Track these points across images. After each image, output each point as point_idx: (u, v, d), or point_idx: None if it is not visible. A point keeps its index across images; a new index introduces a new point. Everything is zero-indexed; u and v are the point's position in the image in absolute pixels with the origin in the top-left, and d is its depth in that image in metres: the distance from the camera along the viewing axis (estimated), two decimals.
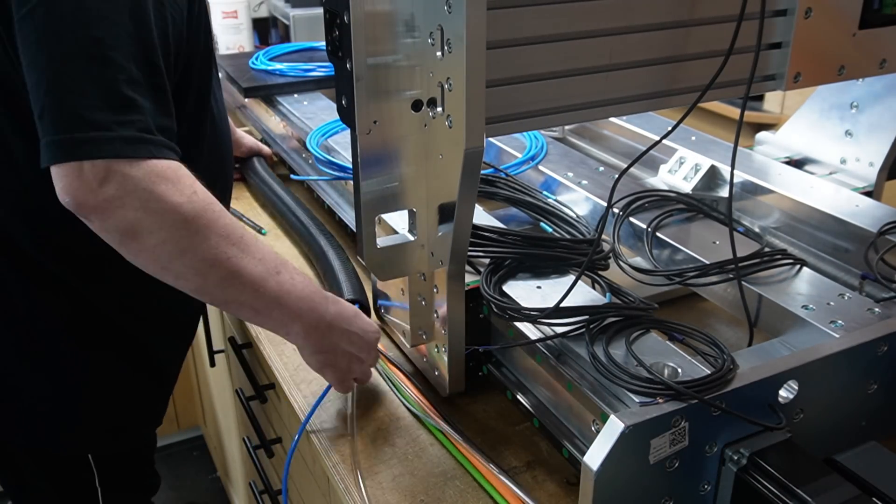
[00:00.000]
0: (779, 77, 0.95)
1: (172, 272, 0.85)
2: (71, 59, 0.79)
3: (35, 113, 0.81)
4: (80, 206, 0.80)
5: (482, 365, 1.02)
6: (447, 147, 0.81)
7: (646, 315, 0.88)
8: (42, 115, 0.80)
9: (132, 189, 0.80)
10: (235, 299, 0.88)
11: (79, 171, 0.79)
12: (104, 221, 0.81)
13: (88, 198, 0.79)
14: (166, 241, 0.82)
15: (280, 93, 1.73)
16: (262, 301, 0.88)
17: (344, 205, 1.39)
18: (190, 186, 0.83)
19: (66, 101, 0.79)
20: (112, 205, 0.80)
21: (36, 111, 0.80)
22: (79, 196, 0.79)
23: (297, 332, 0.92)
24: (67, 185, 0.79)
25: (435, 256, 0.91)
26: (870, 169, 1.26)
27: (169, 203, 0.81)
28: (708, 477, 0.79)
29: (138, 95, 0.82)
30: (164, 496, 2.34)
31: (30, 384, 1.04)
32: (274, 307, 0.89)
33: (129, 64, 0.81)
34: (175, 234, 0.82)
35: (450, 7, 0.73)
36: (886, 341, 0.85)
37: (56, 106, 0.79)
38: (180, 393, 2.41)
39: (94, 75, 0.79)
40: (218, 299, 0.89)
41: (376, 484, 0.90)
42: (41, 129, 0.80)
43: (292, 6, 2.25)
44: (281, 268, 0.90)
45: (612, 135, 1.53)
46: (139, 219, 0.80)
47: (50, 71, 0.79)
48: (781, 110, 2.67)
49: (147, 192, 0.80)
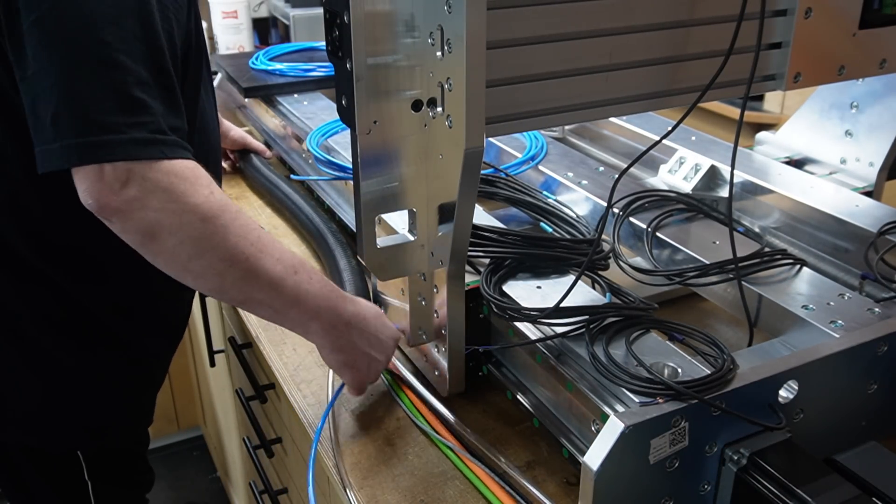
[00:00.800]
0: (779, 77, 0.95)
1: (192, 272, 0.86)
2: (80, 64, 0.80)
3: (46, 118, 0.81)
4: (103, 209, 0.81)
5: (482, 365, 1.02)
6: (447, 147, 0.81)
7: (646, 315, 0.88)
8: (54, 119, 0.80)
9: (152, 189, 0.81)
10: (254, 298, 0.89)
11: (100, 174, 0.80)
12: (125, 223, 0.82)
13: (111, 199, 0.80)
14: (185, 241, 0.83)
15: (280, 93, 1.73)
16: (281, 300, 0.89)
17: (344, 205, 1.39)
18: (207, 186, 0.84)
19: (77, 105, 0.80)
20: (133, 206, 0.81)
21: (47, 116, 0.81)
22: (102, 198, 0.81)
23: (316, 330, 0.93)
24: (90, 187, 0.81)
25: (435, 256, 0.91)
26: (870, 169, 1.26)
27: (188, 203, 0.82)
28: (708, 477, 0.79)
29: (148, 97, 0.83)
30: (164, 496, 2.35)
31: (17, 382, 1.05)
32: (292, 305, 0.90)
33: (137, 66, 0.82)
34: (194, 234, 0.83)
35: (450, 7, 0.73)
36: (886, 341, 0.85)
37: (69, 110, 0.80)
38: (180, 393, 2.41)
39: (103, 78, 0.80)
40: (236, 299, 0.90)
41: (376, 484, 0.90)
42: (54, 132, 0.81)
43: (292, 6, 2.25)
44: (299, 267, 0.90)
45: (612, 135, 1.53)
46: (159, 219, 0.82)
47: (61, 76, 0.80)
48: (781, 110, 2.67)
49: (167, 193, 0.81)
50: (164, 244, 0.83)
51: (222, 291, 0.88)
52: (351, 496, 0.88)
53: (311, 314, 0.91)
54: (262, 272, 0.87)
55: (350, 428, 0.99)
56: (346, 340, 0.94)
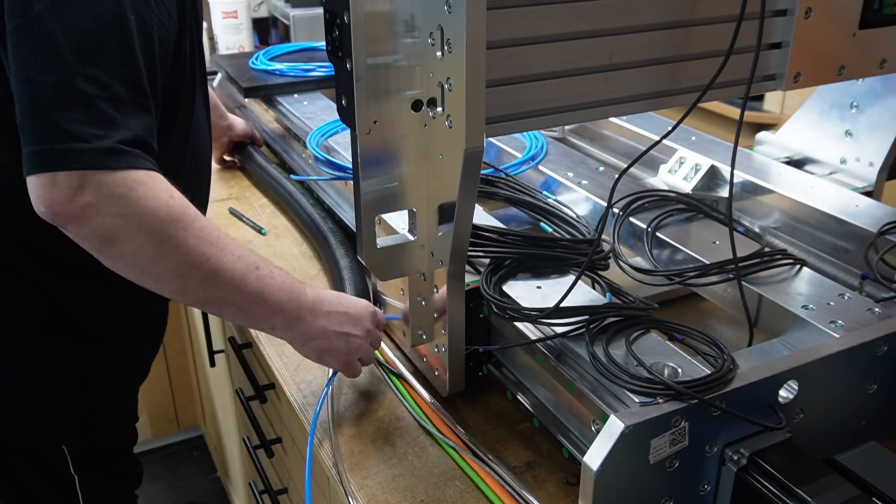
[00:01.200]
0: (779, 77, 0.95)
1: (153, 276, 0.86)
2: (54, 74, 0.80)
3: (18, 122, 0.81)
4: (56, 216, 0.80)
5: (482, 365, 1.02)
6: (447, 147, 0.81)
7: (646, 315, 0.88)
8: (23, 125, 0.80)
9: (108, 195, 0.80)
10: (217, 297, 0.89)
11: (53, 181, 0.79)
12: (81, 229, 0.81)
13: (64, 207, 0.80)
14: (145, 245, 0.83)
15: (280, 93, 1.73)
16: (245, 297, 0.89)
17: (344, 205, 1.39)
18: (167, 191, 0.84)
19: (46, 113, 0.79)
20: (88, 212, 0.80)
21: (18, 121, 0.81)
22: (54, 206, 0.80)
23: (281, 324, 0.93)
24: (42, 195, 0.80)
25: (435, 256, 0.91)
26: (870, 169, 1.26)
27: (147, 207, 0.81)
28: (708, 477, 0.79)
29: (119, 114, 0.82)
30: (164, 496, 2.35)
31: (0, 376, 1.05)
32: (256, 301, 0.90)
33: (112, 82, 0.82)
34: (154, 239, 0.83)
35: (450, 7, 0.73)
36: (886, 341, 0.85)
37: (36, 117, 0.80)
38: (180, 393, 2.41)
39: (76, 90, 0.80)
40: (200, 299, 0.90)
41: (376, 484, 0.90)
42: (22, 138, 0.80)
43: (292, 6, 2.25)
44: (259, 263, 0.91)
45: (612, 135, 1.53)
46: (117, 225, 0.81)
47: (34, 83, 0.80)
48: (781, 110, 2.67)
49: (124, 199, 0.81)
50: (123, 249, 0.82)
51: (185, 292, 0.88)
52: (351, 496, 0.88)
53: (274, 308, 0.92)
54: (225, 270, 0.87)
55: (350, 428, 0.99)
56: (313, 327, 0.95)
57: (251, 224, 1.48)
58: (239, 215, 1.52)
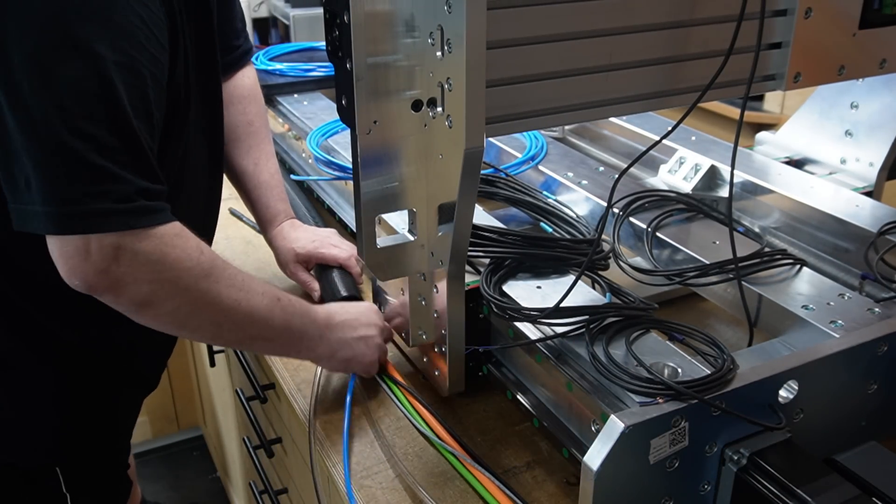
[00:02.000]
0: (779, 77, 0.95)
1: (189, 328, 0.89)
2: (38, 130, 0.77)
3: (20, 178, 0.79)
4: (92, 288, 0.81)
5: (482, 365, 1.02)
6: (447, 147, 0.81)
7: (646, 315, 0.88)
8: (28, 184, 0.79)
9: (143, 262, 0.81)
10: (249, 336, 0.92)
11: (85, 252, 0.79)
12: (119, 297, 0.82)
13: (101, 279, 0.80)
14: (181, 305, 0.85)
15: (280, 93, 1.73)
16: (272, 330, 0.93)
17: (344, 205, 1.39)
18: (196, 248, 0.85)
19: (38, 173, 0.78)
20: (124, 281, 0.81)
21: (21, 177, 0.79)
22: (89, 279, 0.80)
23: (307, 346, 0.96)
24: (75, 266, 0.79)
25: (435, 256, 0.91)
26: (870, 169, 1.26)
27: (182, 269, 0.83)
28: (708, 477, 0.79)
29: (111, 163, 0.79)
30: (164, 496, 2.35)
31: None
32: (283, 331, 0.93)
33: (100, 131, 0.78)
34: (190, 297, 0.85)
35: (450, 7, 0.73)
36: (886, 341, 0.85)
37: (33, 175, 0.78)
38: (180, 393, 2.41)
39: (62, 146, 0.77)
40: (232, 340, 0.94)
41: (376, 484, 0.90)
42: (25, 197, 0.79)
43: (292, 6, 2.25)
44: (278, 294, 0.93)
45: (612, 135, 1.53)
46: (154, 290, 0.82)
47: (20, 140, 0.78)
48: (781, 110, 2.68)
49: (159, 264, 0.82)
50: (160, 310, 0.84)
51: (219, 337, 0.92)
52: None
53: (300, 333, 0.95)
54: (255, 311, 0.89)
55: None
56: (333, 340, 0.98)
57: (251, 224, 1.48)
58: (239, 215, 1.52)
